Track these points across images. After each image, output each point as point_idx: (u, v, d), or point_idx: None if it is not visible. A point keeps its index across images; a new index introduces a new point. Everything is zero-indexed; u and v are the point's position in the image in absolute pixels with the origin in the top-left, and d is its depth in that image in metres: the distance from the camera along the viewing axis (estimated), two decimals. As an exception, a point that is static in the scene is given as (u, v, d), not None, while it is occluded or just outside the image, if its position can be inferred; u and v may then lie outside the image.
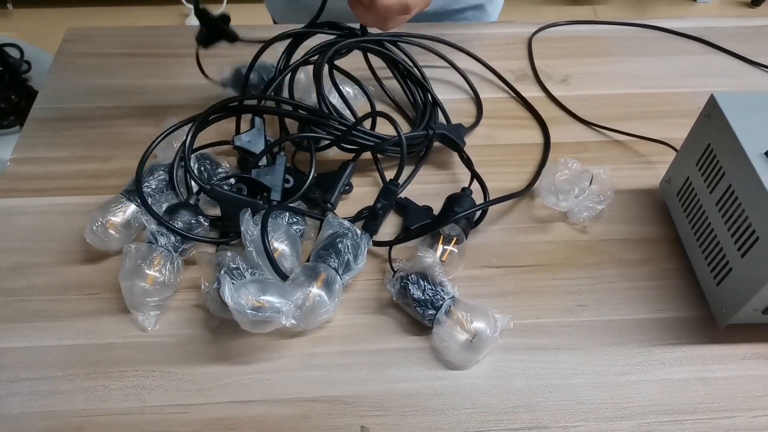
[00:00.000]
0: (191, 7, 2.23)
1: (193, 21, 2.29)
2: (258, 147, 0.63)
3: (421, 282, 0.53)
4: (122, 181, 0.62)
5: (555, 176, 0.62)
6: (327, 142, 0.64)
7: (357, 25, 0.68)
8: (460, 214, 0.58)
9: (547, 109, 0.76)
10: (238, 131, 0.65)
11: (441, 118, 0.73)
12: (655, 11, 2.37)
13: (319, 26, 0.67)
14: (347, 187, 0.65)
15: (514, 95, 0.78)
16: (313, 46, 0.67)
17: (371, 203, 0.62)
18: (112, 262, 0.59)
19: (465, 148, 0.67)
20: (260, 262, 0.53)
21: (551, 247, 0.61)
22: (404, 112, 0.75)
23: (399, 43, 0.74)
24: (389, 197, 0.60)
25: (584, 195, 0.62)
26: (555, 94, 0.78)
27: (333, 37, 0.67)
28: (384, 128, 0.64)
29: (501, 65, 0.81)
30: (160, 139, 0.62)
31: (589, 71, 0.81)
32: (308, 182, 0.61)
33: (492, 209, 0.63)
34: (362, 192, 0.65)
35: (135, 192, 0.59)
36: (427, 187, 0.66)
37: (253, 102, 0.66)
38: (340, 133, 0.63)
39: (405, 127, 0.73)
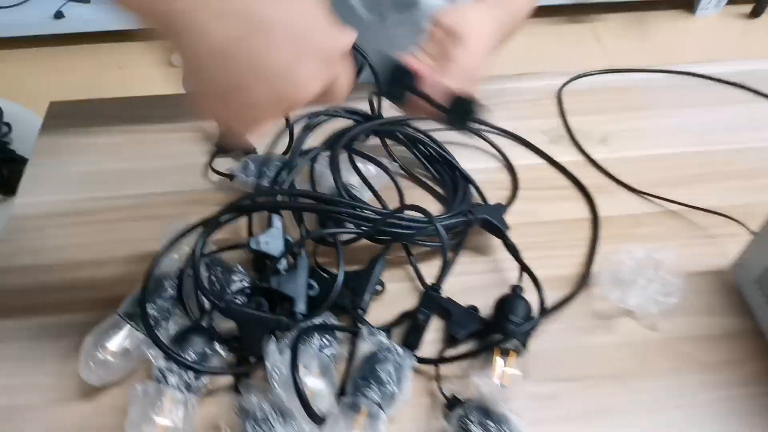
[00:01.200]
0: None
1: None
2: (277, 247, 0.55)
3: (484, 420, 0.45)
4: (120, 290, 0.54)
5: (616, 267, 0.55)
6: (354, 235, 0.57)
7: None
8: (518, 330, 0.50)
9: (589, 176, 0.68)
10: (251, 231, 0.57)
11: (474, 194, 0.65)
12: (654, 25, 2.32)
13: (335, 111, 0.60)
14: (378, 287, 0.57)
15: (550, 161, 0.70)
16: (332, 133, 0.60)
17: (406, 302, 0.55)
18: (113, 397, 0.50)
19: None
20: (291, 407, 0.45)
21: (619, 352, 0.54)
22: (433, 189, 0.67)
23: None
24: (432, 305, 0.53)
25: (651, 287, 0.54)
26: (595, 157, 0.70)
27: (350, 122, 0.60)
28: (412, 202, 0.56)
29: (531, 125, 0.73)
30: (163, 252, 0.54)
31: (629, 128, 0.74)
32: (336, 290, 0.53)
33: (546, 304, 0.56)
34: (395, 290, 0.57)
35: (137, 315, 0.51)
36: (467, 280, 0.58)
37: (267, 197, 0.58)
38: (368, 224, 0.55)
39: (435, 207, 0.65)
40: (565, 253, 0.61)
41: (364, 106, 0.66)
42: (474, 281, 0.58)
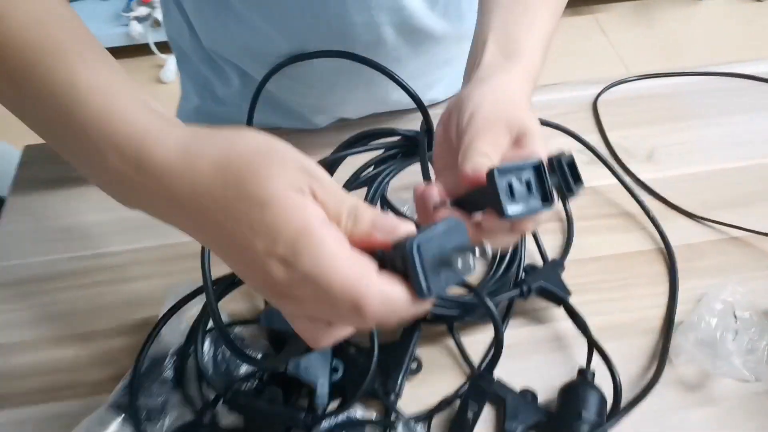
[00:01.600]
0: (165, 57, 2.06)
1: (167, 74, 2.09)
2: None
3: None
4: (110, 372, 0.46)
5: (698, 331, 0.46)
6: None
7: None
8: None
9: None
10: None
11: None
12: (659, 14, 2.24)
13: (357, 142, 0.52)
14: (414, 365, 0.48)
15: (618, 179, 0.61)
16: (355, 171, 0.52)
17: (447, 381, 0.46)
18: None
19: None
20: None
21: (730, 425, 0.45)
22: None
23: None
24: (482, 397, 0.43)
25: (740, 339, 0.46)
26: (641, 177, 0.62)
27: (379, 152, 0.52)
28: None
29: (566, 143, 0.65)
30: (159, 324, 0.46)
31: (677, 141, 0.66)
32: (369, 376, 0.43)
33: (624, 370, 0.46)
34: (433, 364, 0.48)
35: (128, 407, 0.43)
36: (518, 350, 0.49)
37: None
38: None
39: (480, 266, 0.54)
40: (620, 295, 0.53)
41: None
42: (526, 351, 0.49)
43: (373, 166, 0.53)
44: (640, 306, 0.52)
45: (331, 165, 0.51)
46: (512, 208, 0.33)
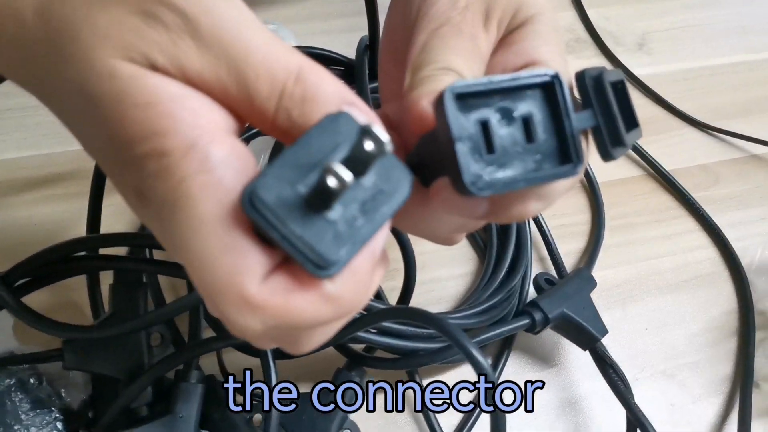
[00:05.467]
0: None
1: None
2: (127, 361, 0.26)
3: None
4: None
5: None
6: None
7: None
8: None
9: (630, 103, 0.45)
10: (96, 309, 0.27)
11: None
12: None
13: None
14: None
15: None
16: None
17: None
18: None
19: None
20: None
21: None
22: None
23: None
24: None
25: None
26: (635, 71, 0.46)
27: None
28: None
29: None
30: None
31: (674, 25, 0.50)
32: None
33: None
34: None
35: None
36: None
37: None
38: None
39: (471, 262, 0.35)
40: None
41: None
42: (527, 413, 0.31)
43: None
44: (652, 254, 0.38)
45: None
46: (479, 172, 0.15)
